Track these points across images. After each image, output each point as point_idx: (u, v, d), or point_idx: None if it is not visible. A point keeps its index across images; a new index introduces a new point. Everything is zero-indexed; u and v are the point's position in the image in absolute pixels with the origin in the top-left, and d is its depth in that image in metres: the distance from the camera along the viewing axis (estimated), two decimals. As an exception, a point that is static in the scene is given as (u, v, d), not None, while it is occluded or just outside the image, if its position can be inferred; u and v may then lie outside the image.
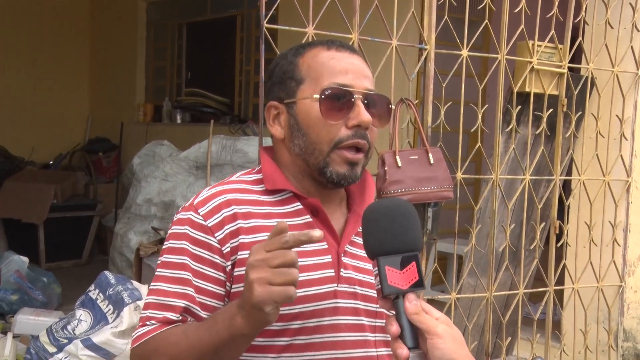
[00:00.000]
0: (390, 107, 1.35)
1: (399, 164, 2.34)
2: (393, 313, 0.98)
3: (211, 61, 7.24)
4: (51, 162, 7.58)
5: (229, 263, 1.25)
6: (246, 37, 6.63)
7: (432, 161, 2.39)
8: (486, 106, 2.70)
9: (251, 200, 1.30)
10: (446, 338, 0.94)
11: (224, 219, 1.26)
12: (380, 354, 1.32)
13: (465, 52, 2.59)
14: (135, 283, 3.36)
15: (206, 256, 1.25)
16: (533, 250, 2.93)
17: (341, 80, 1.27)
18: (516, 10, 2.69)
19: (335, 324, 1.27)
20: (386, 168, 2.33)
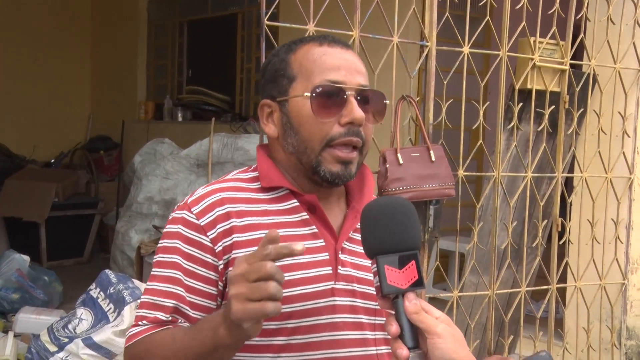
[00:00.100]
0: (385, 103, 1.32)
1: (400, 162, 2.33)
2: (393, 313, 0.97)
3: (212, 59, 7.23)
4: (52, 161, 7.59)
5: (222, 262, 1.24)
6: (247, 35, 6.62)
7: (434, 158, 2.38)
8: (488, 103, 2.69)
9: (246, 198, 1.29)
10: (446, 337, 0.93)
11: (217, 218, 1.25)
12: (380, 353, 1.31)
13: (466, 49, 2.58)
14: (136, 282, 3.35)
15: (198, 255, 1.25)
16: (535, 248, 2.92)
17: (333, 76, 1.25)
18: (518, 6, 2.68)
19: (333, 323, 1.26)
20: (387, 165, 2.32)
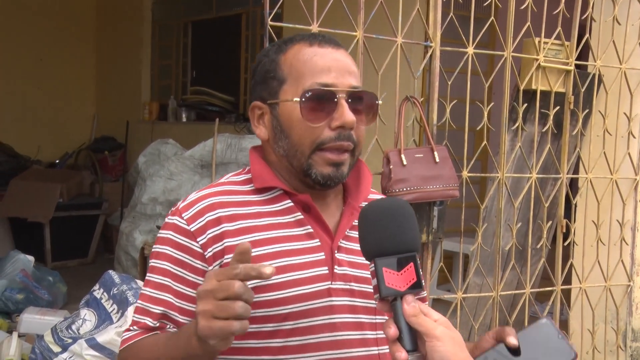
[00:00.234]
0: (377, 103, 1.29)
1: (404, 163, 2.33)
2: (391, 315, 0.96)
3: (216, 59, 7.24)
4: (57, 161, 7.60)
5: (211, 268, 1.23)
6: (251, 35, 6.62)
7: (438, 159, 2.38)
8: (492, 104, 2.68)
9: (238, 201, 1.28)
10: (445, 340, 0.92)
11: (207, 223, 1.24)
12: (382, 352, 1.29)
13: (471, 50, 2.57)
14: (139, 282, 3.35)
15: (187, 261, 1.24)
16: (540, 249, 2.91)
17: (323, 79, 1.23)
18: (522, 7, 2.67)
19: (331, 323, 1.24)
20: (391, 166, 2.32)
